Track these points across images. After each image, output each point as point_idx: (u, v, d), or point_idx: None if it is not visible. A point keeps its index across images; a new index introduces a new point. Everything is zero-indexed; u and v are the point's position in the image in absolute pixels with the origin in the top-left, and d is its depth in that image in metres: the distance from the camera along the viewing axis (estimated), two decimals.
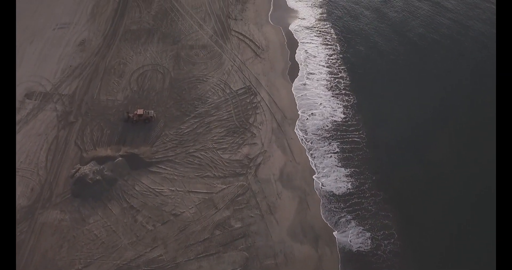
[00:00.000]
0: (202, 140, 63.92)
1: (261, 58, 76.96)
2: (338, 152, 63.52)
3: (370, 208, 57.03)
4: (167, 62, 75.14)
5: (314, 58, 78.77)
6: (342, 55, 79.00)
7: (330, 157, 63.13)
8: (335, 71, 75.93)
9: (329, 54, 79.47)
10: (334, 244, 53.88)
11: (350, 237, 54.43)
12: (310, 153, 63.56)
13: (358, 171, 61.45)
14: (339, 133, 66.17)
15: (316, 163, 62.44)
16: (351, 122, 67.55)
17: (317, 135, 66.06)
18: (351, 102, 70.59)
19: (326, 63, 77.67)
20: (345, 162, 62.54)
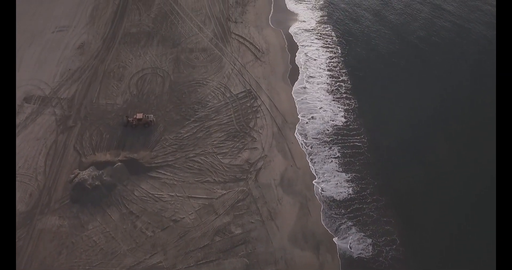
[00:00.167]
0: (202, 145, 63.43)
1: (261, 61, 76.45)
2: (339, 157, 63.00)
3: (372, 214, 56.51)
4: (167, 65, 74.63)
5: (315, 61, 78.25)
6: (343, 58, 78.49)
7: (331, 162, 62.62)
8: (336, 75, 75.41)
9: (329, 57, 78.95)
10: (335, 251, 53.37)
11: (350, 243, 53.91)
12: (310, 157, 63.05)
13: (359, 176, 60.94)
14: (340, 137, 65.65)
15: (316, 168, 61.92)
16: (352, 126, 67.03)
17: (317, 139, 65.53)
18: (352, 106, 70.06)
19: (327, 66, 77.15)
20: (346, 167, 62.03)
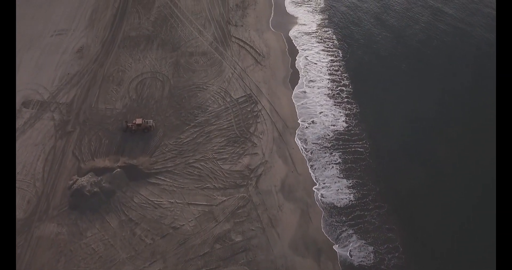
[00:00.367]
0: (202, 150, 62.84)
1: (262, 65, 75.87)
2: (340, 163, 62.41)
3: (373, 221, 55.94)
4: (167, 69, 74.02)
5: (315, 65, 77.67)
6: (344, 62, 77.90)
7: (332, 167, 62.02)
8: (337, 79, 74.82)
9: (330, 61, 78.37)
10: (337, 258, 52.78)
11: (351, 251, 53.27)
12: (310, 163, 62.42)
13: (361, 182, 60.38)
14: (342, 142, 65.07)
15: (316, 174, 61.31)
16: (354, 131, 66.46)
17: (318, 144, 64.94)
18: (354, 110, 69.49)
19: (327, 70, 76.56)
20: (347, 172, 61.45)
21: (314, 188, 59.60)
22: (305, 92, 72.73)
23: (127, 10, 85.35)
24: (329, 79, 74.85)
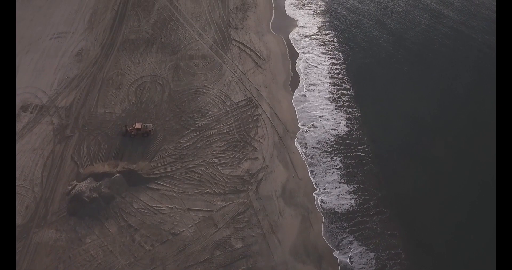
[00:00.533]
0: (202, 155, 62.32)
1: (262, 68, 75.36)
2: (341, 168, 61.87)
3: (375, 227, 55.36)
4: (166, 73, 73.52)
5: (316, 68, 77.21)
6: (345, 65, 77.39)
7: (333, 172, 61.51)
8: (338, 82, 74.33)
9: (331, 64, 77.90)
10: (338, 265, 52.26)
11: (352, 258, 52.68)
12: (310, 168, 61.85)
13: (362, 187, 59.86)
14: (343, 147, 64.57)
15: (317, 179, 60.72)
16: (355, 136, 65.94)
17: (318, 149, 64.41)
18: (355, 114, 68.95)
19: (328, 73, 76.08)
20: (348, 178, 60.91)
21: (314, 194, 59.08)
22: (306, 96, 72.22)
23: (127, 12, 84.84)
24: (330, 83, 74.34)
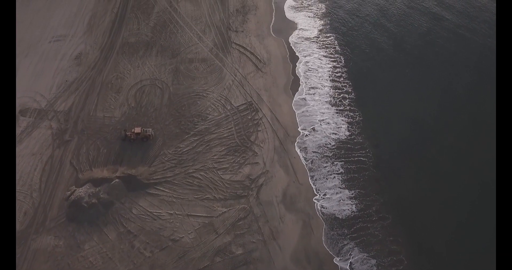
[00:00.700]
0: (202, 160, 61.78)
1: (262, 72, 74.80)
2: (342, 173, 61.28)
3: (377, 234, 54.76)
4: (166, 76, 72.98)
5: (317, 71, 76.61)
6: (346, 69, 76.73)
7: (334, 178, 60.92)
8: (339, 86, 73.69)
9: (332, 67, 77.26)
10: None
11: (353, 264, 52.12)
12: (310, 174, 61.25)
13: (363, 192, 59.28)
14: (344, 152, 63.97)
15: (317, 184, 60.14)
16: (357, 140, 65.33)
17: (319, 153, 63.80)
18: (357, 118, 68.30)
19: (329, 77, 75.50)
20: (349, 183, 60.31)
21: (314, 199, 58.51)
22: (306, 100, 71.63)
23: (126, 15, 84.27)
24: (331, 86, 73.76)
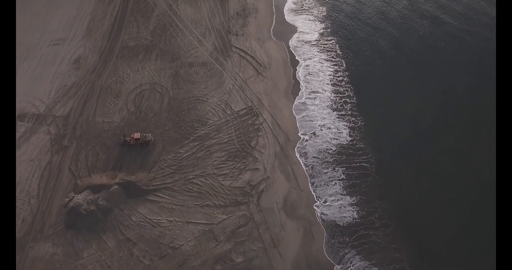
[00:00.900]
0: (202, 165, 61.12)
1: (263, 76, 74.14)
2: (343, 179, 60.58)
3: (379, 241, 54.09)
4: (166, 80, 72.33)
5: (318, 75, 75.90)
6: (348, 72, 76.07)
7: (335, 184, 60.24)
8: (341, 90, 72.99)
9: (334, 71, 76.53)
10: None
11: None
12: (311, 180, 60.54)
13: (365, 199, 58.59)
14: (345, 157, 63.29)
15: (318, 190, 59.41)
16: (359, 145, 64.62)
17: (319, 159, 63.11)
18: (358, 123, 67.62)
19: (331, 81, 74.78)
20: (351, 189, 59.63)
21: (314, 206, 57.81)
22: (306, 104, 70.92)
23: (126, 19, 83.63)
24: (332, 90, 73.07)
